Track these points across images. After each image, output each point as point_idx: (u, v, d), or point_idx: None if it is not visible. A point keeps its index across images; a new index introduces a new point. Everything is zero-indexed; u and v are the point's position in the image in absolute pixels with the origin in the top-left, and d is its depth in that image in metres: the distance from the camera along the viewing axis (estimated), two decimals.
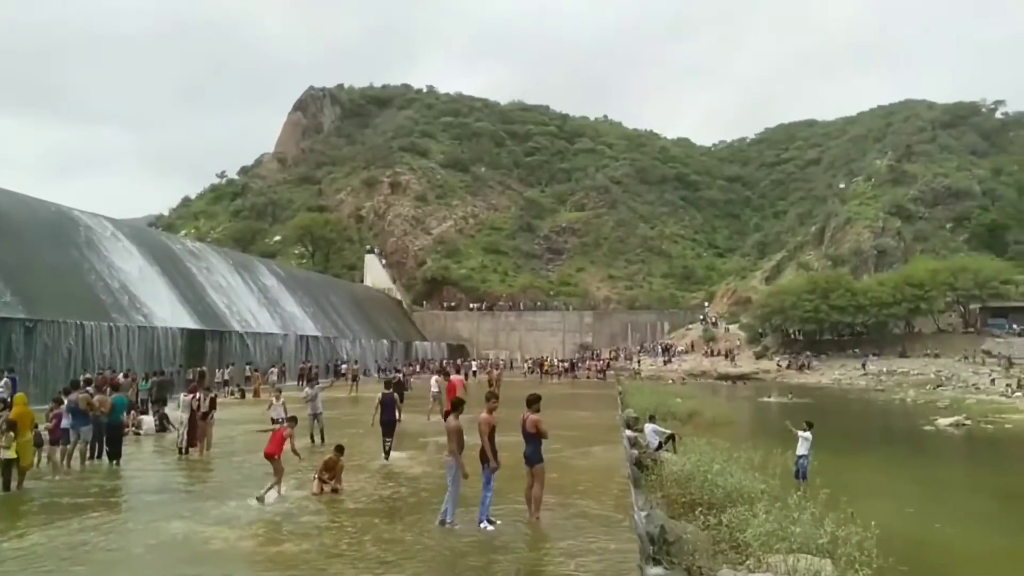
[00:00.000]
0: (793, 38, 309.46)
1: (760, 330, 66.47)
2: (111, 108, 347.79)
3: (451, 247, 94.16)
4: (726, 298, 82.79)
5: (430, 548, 7.71)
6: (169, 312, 34.35)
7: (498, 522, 8.52)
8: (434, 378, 21.97)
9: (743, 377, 57.85)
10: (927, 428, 27.23)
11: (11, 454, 10.49)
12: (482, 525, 8.40)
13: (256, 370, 32.78)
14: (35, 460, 11.88)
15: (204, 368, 28.55)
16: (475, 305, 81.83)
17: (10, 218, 29.48)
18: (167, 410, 18.33)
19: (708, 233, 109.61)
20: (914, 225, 78.01)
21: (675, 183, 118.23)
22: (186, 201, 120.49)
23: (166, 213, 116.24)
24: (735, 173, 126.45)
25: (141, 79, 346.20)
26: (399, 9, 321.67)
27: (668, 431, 18.45)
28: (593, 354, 69.72)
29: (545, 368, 51.81)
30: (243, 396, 28.99)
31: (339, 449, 10.94)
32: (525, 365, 60.08)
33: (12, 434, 10.57)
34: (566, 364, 55.92)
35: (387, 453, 13.42)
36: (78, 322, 25.76)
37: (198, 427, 14.33)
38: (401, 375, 31.63)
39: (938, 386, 45.91)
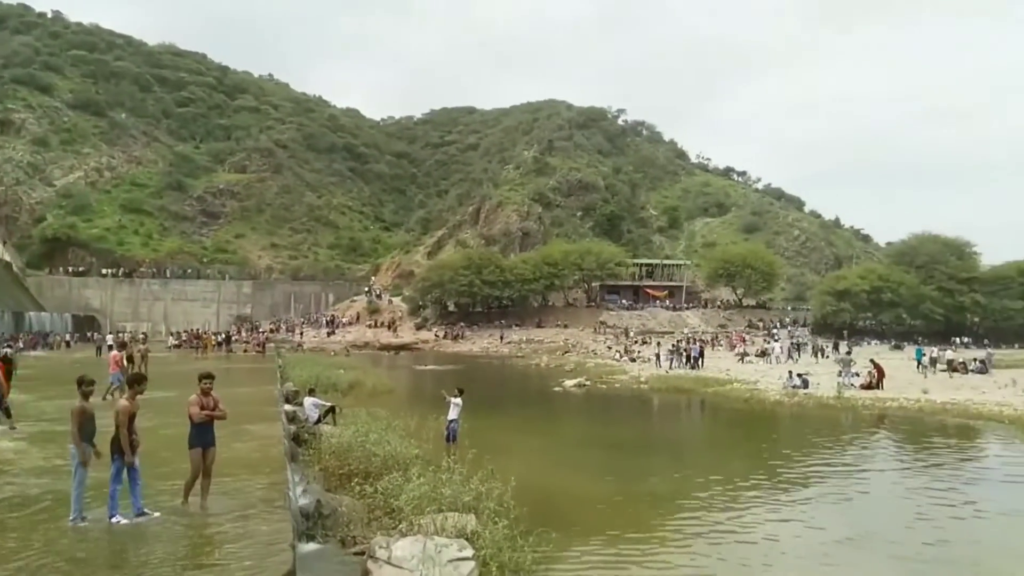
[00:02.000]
0: (458, 27, 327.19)
1: (421, 302, 69.62)
2: None
3: (80, 202, 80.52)
4: (391, 271, 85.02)
5: (50, 551, 6.49)
6: None
7: (156, 512, 7.68)
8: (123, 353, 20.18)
9: (404, 347, 60.13)
10: (556, 389, 31.21)
11: None
12: (113, 520, 7.44)
13: None
14: None
15: None
16: (109, 271, 71.36)
17: None
18: None
19: (376, 206, 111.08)
20: (552, 211, 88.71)
21: (344, 153, 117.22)
22: None
23: None
24: (402, 150, 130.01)
25: None
26: None
27: (328, 403, 18.30)
28: (252, 326, 66.08)
29: (205, 342, 47.66)
30: None
31: None
32: (171, 339, 54.39)
33: None
34: (220, 337, 52.07)
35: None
36: None
37: None
38: (9, 349, 26.51)
39: (566, 352, 53.08)
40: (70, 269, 71.09)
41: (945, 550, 9.70)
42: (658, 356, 41.35)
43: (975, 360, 36.14)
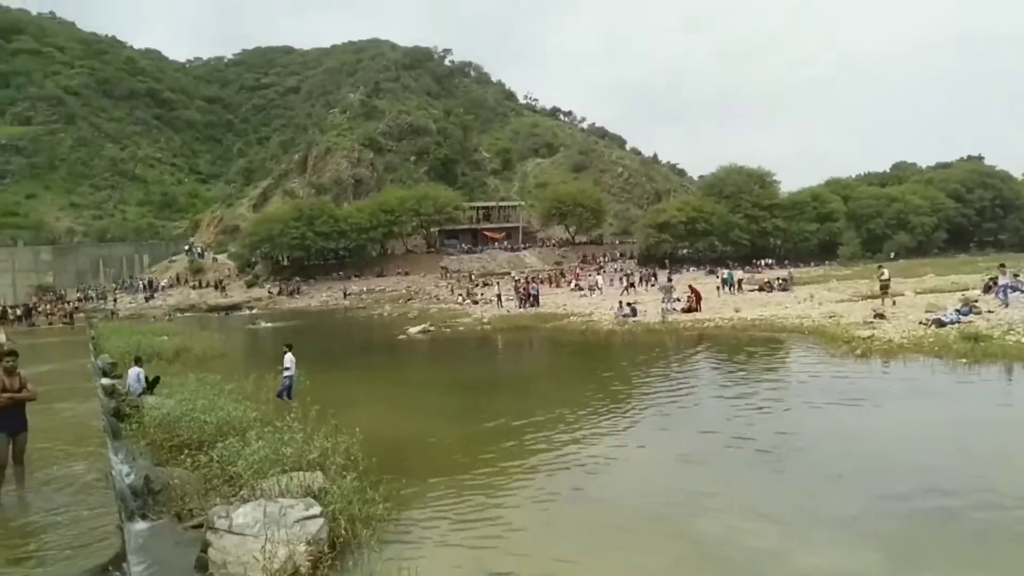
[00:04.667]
0: None
1: (250, 259, 65.97)
2: None
3: None
4: (212, 227, 79.49)
5: None
6: None
7: None
8: None
9: (235, 307, 56.88)
10: (400, 337, 31.07)
11: None
12: None
13: None
14: None
15: None
16: None
17: None
18: None
19: (189, 157, 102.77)
20: (384, 157, 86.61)
21: (147, 99, 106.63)
22: None
23: None
24: (214, 94, 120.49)
25: None
26: None
27: (152, 377, 16.86)
28: (56, 296, 59.40)
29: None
30: None
31: None
32: None
33: None
34: (19, 310, 46.43)
35: None
36: None
37: None
38: None
39: (408, 300, 52.84)
40: None
41: (783, 440, 10.91)
42: (499, 297, 42.28)
43: (779, 279, 40.44)
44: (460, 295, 49.80)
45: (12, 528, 6.60)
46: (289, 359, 15.71)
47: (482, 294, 48.47)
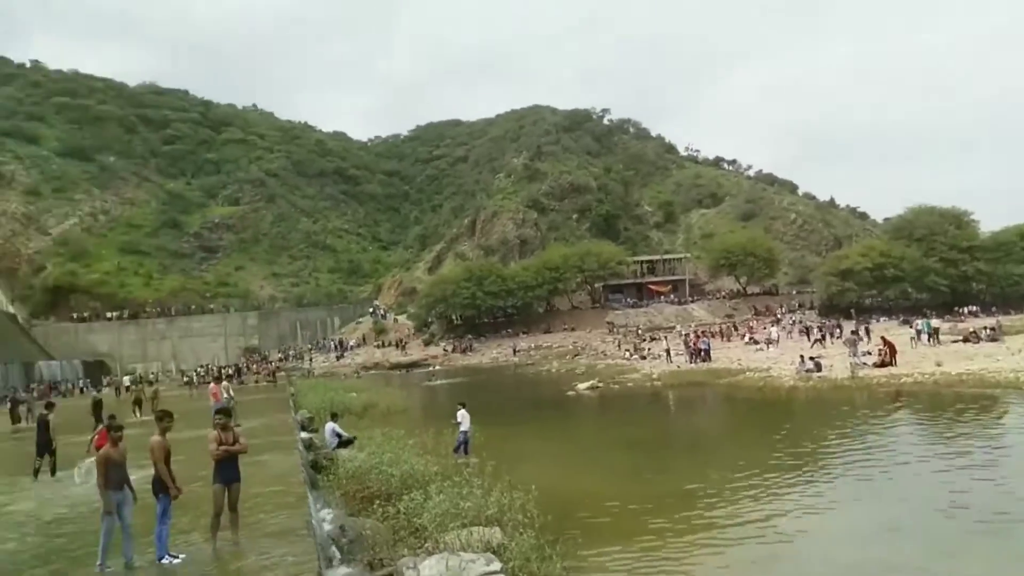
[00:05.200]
0: (434, 44, 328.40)
1: (427, 319, 69.62)
2: None
3: (78, 249, 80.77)
4: (393, 289, 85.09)
5: None
6: None
7: (182, 555, 7.50)
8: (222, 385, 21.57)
9: (414, 364, 60.03)
10: (569, 393, 31.13)
11: None
12: (164, 561, 7.30)
13: None
14: None
15: None
16: (114, 314, 71.44)
17: None
18: None
19: (371, 227, 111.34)
20: (548, 216, 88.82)
21: (335, 177, 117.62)
22: None
23: None
24: (392, 168, 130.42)
25: None
26: None
27: (349, 435, 17.74)
28: (261, 357, 66.07)
29: (205, 378, 47.76)
30: None
31: None
32: (183, 377, 54.38)
33: None
34: (230, 370, 52.09)
35: (51, 471, 13.72)
36: None
37: None
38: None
39: (575, 356, 52.96)
40: (74, 316, 71.13)
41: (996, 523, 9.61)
42: (668, 352, 41.21)
43: (986, 328, 35.97)
44: (627, 350, 49.10)
45: (229, 571, 7.26)
46: (462, 415, 16.27)
47: (650, 349, 47.50)
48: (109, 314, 71.36)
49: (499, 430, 19.31)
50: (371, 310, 76.17)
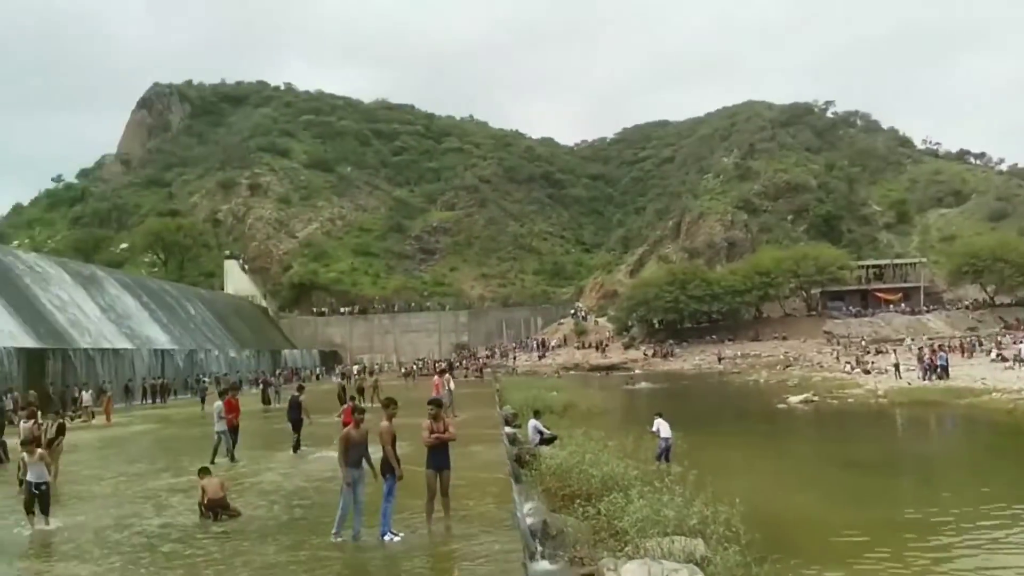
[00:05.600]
0: (643, 46, 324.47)
1: (627, 322, 69.26)
2: None
3: (319, 250, 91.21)
4: (595, 292, 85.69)
5: (323, 568, 7.31)
6: (2, 331, 30.96)
7: (401, 533, 8.24)
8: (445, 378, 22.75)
9: (613, 367, 60.08)
10: (780, 406, 29.34)
11: None
12: (386, 538, 8.09)
13: (103, 391, 30.09)
14: None
15: (52, 389, 26.35)
16: (347, 309, 79.68)
17: None
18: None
19: (575, 230, 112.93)
20: (759, 217, 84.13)
21: (542, 181, 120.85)
22: (17, 209, 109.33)
23: None
24: (597, 171, 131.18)
25: None
26: (250, 4, 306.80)
27: (551, 433, 18.15)
28: (470, 353, 69.91)
29: (423, 370, 51.60)
30: (93, 418, 26.67)
31: (204, 470, 10.21)
32: (402, 369, 59.13)
33: None
34: (443, 365, 55.71)
35: (296, 447, 15.57)
36: None
37: None
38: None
39: (787, 366, 49.76)
40: (314, 310, 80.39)
41: None
42: (896, 366, 37.23)
43: None
44: (848, 363, 45.16)
45: (441, 552, 7.82)
46: (659, 424, 16.07)
47: (874, 362, 43.29)
48: (343, 309, 79.68)
49: (701, 439, 18.71)
50: (572, 311, 77.36)
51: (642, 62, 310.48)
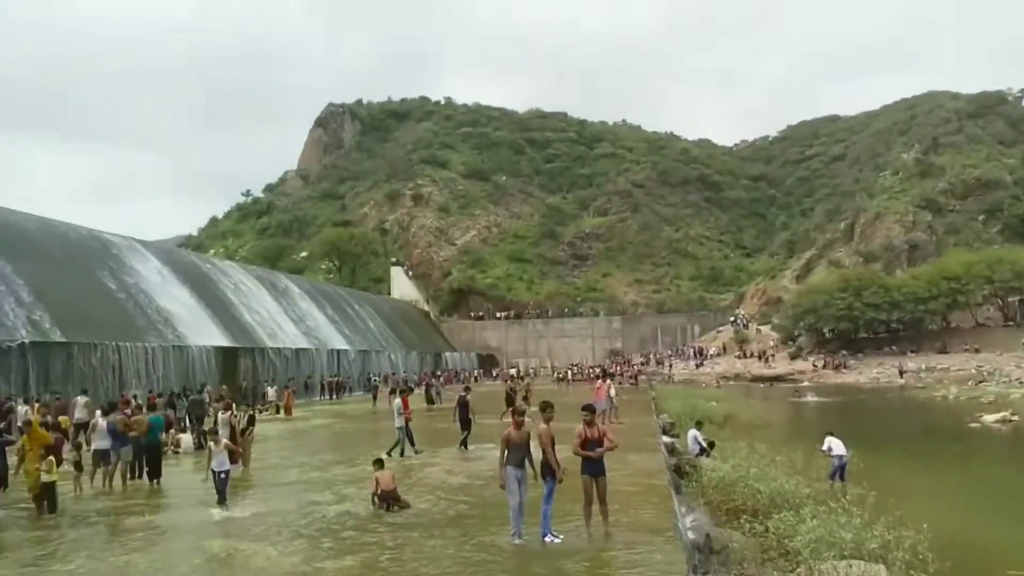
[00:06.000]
0: (811, 40, 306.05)
1: (794, 331, 65.44)
2: (145, 134, 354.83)
3: (476, 257, 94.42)
4: (756, 299, 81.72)
5: (487, 564, 7.56)
6: (201, 331, 34.78)
7: (561, 536, 8.31)
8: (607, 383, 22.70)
9: (778, 379, 56.93)
10: (972, 425, 26.48)
11: (52, 477, 10.61)
12: (547, 539, 8.20)
13: (287, 387, 32.91)
14: (75, 485, 12.19)
15: (244, 384, 29.45)
16: (502, 314, 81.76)
17: (43, 243, 30.19)
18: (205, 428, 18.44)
19: (734, 233, 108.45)
20: (945, 218, 76.34)
21: (698, 184, 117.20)
22: (213, 221, 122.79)
23: (195, 233, 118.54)
24: (759, 172, 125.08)
25: (170, 106, 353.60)
26: (413, 24, 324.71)
27: (709, 439, 17.86)
28: (624, 359, 69.18)
29: (577, 375, 51.75)
30: (277, 411, 29.35)
31: (378, 463, 10.86)
32: (555, 374, 59.64)
33: (52, 458, 10.75)
34: (602, 371, 55.57)
35: (464, 444, 16.35)
36: (114, 344, 26.13)
37: (237, 444, 14.33)
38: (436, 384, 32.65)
39: (980, 382, 44.72)
40: (471, 314, 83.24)
41: None
42: None
43: None
44: None
45: (602, 559, 7.78)
46: (830, 442, 15.06)
47: None
48: (499, 314, 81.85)
49: (881, 459, 17.34)
50: (732, 319, 74.19)
51: (807, 56, 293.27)
